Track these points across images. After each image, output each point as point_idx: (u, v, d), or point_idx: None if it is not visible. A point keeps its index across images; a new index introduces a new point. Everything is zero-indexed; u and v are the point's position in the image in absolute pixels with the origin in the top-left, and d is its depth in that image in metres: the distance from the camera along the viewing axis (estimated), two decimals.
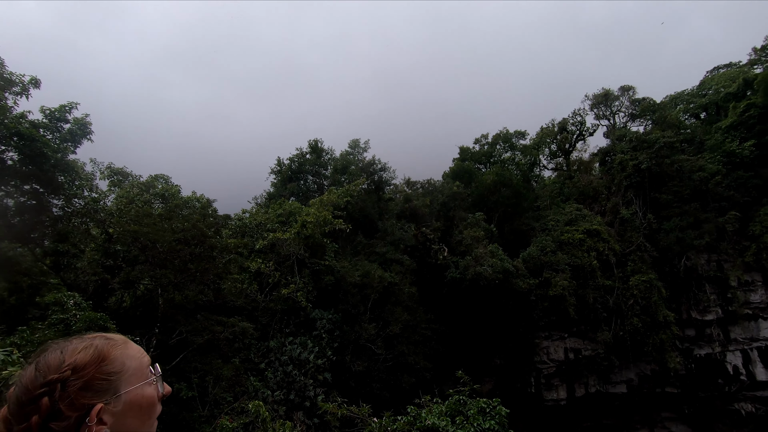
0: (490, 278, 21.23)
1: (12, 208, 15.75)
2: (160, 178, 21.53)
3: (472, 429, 4.62)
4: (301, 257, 18.98)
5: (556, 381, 23.83)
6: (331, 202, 21.01)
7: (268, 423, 8.00)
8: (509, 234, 26.77)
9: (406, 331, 19.49)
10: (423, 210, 25.20)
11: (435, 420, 4.84)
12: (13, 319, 13.86)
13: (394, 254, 22.45)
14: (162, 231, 14.54)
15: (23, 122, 14.61)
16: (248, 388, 15.76)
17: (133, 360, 0.95)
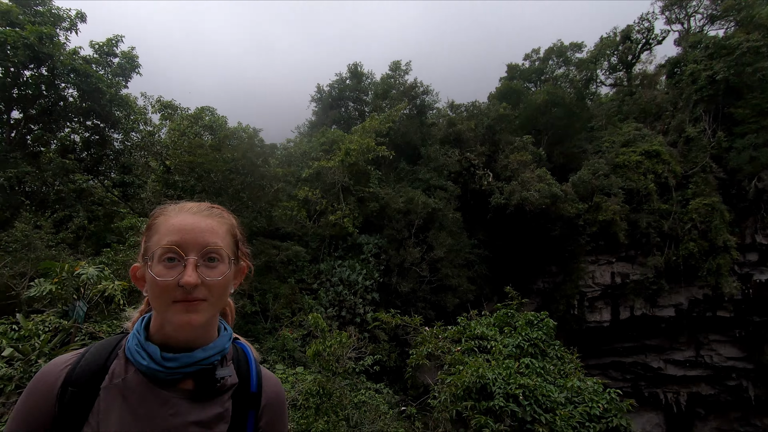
0: (537, 203, 20.77)
1: (79, 143, 16.92)
2: (206, 110, 21.92)
3: (520, 338, 4.88)
4: (345, 185, 19.34)
5: (600, 304, 23.97)
6: (373, 128, 20.76)
7: (326, 332, 8.81)
8: (559, 157, 25.59)
9: (449, 255, 19.95)
10: (467, 134, 24.36)
11: (484, 330, 5.14)
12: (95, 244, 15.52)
13: (437, 180, 22.32)
14: (214, 161, 15.20)
15: (76, 58, 15.10)
16: (303, 306, 17.18)
17: (160, 232, 1.00)
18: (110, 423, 0.89)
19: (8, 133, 14.58)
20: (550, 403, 4.05)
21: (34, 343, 6.73)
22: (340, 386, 9.18)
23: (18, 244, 11.48)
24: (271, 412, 1.10)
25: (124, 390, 0.93)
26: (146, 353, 0.95)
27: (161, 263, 0.94)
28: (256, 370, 1.11)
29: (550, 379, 4.46)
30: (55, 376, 0.94)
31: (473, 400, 4.07)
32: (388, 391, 12.54)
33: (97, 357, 0.98)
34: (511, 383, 4.07)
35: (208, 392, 0.99)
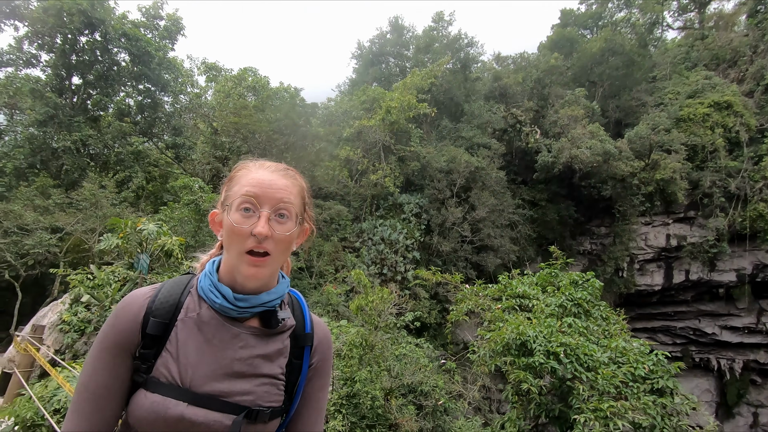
0: (587, 161, 19.68)
1: (133, 107, 17.75)
2: (249, 70, 22.13)
3: (563, 298, 4.81)
4: (386, 144, 19.17)
5: (651, 267, 22.95)
6: (414, 85, 20.17)
7: (368, 288, 9.09)
8: (614, 111, 23.84)
9: (492, 215, 19.60)
10: (514, 89, 23.11)
11: (525, 289, 5.10)
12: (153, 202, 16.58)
13: (481, 138, 21.59)
14: (258, 122, 15.50)
15: (126, 22, 15.56)
16: (346, 263, 17.73)
17: (239, 183, 1.09)
18: (188, 350, 1.02)
19: (71, 98, 15.51)
20: (592, 362, 4.02)
21: (107, 291, 7.45)
22: (381, 339, 9.57)
23: (87, 203, 12.51)
24: (322, 350, 1.23)
25: (199, 323, 1.05)
26: (219, 293, 1.06)
27: (238, 212, 1.03)
28: (309, 315, 1.24)
29: (593, 339, 4.40)
30: (138, 306, 1.06)
31: (513, 356, 4.12)
32: (428, 346, 12.92)
33: (173, 292, 1.10)
34: (552, 341, 4.06)
35: (270, 330, 1.12)
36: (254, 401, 1.04)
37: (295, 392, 1.15)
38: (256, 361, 1.07)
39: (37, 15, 14.00)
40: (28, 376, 6.38)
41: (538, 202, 23.10)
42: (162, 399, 0.97)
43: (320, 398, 1.23)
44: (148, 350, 1.02)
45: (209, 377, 1.01)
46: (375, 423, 8.30)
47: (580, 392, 3.79)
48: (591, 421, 3.52)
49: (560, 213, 22.94)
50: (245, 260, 1.02)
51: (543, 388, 4.24)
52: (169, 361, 1.01)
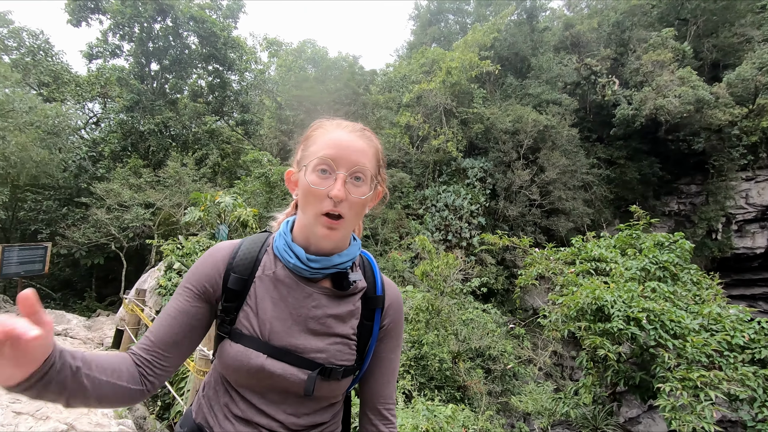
0: (675, 112, 17.58)
1: (205, 88, 18.79)
2: (308, 42, 22.34)
3: (646, 260, 4.41)
4: (448, 107, 18.55)
5: (753, 227, 20.43)
6: (475, 41, 19.07)
7: (433, 254, 9.10)
8: (710, 52, 20.84)
9: (563, 176, 18.41)
10: (588, 36, 20.98)
11: (602, 252, 4.75)
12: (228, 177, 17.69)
13: (550, 94, 20.06)
14: (319, 93, 15.72)
15: (192, 6, 16.27)
16: (410, 230, 17.83)
17: (317, 143, 1.08)
18: (266, 306, 1.08)
19: (151, 84, 16.76)
20: (679, 330, 3.70)
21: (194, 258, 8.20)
22: (448, 304, 9.63)
23: (172, 180, 13.70)
24: (393, 312, 1.23)
25: (275, 281, 1.10)
26: (293, 253, 1.09)
27: (315, 173, 1.03)
28: (380, 277, 1.24)
29: (682, 304, 4.03)
30: (221, 258, 1.13)
31: (588, 321, 3.91)
32: (496, 311, 12.79)
33: (251, 249, 1.15)
34: (633, 306, 3.78)
35: (342, 292, 1.14)
36: (327, 359, 1.08)
37: (366, 352, 1.18)
38: (328, 320, 1.10)
39: (117, 7, 15.11)
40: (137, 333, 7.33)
41: (616, 161, 21.25)
42: (244, 349, 1.04)
43: (392, 359, 1.25)
44: (230, 303, 1.08)
45: (286, 333, 1.06)
46: (443, 384, 8.51)
47: (665, 360, 3.53)
48: (678, 391, 3.28)
49: (642, 171, 20.95)
50: (321, 221, 1.03)
51: (622, 355, 4.01)
52: (249, 315, 1.07)
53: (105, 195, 13.24)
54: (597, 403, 4.65)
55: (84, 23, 16.01)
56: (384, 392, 1.23)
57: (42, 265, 12.57)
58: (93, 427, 4.25)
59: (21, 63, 16.01)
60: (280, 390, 1.06)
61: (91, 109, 18.98)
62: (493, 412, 7.64)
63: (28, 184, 14.17)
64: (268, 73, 20.14)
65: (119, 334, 8.17)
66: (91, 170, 15.33)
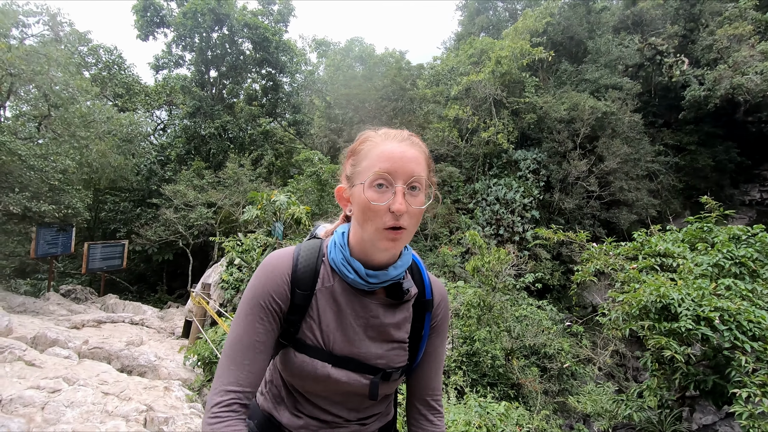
0: (757, 90, 15.88)
1: (259, 91, 19.63)
2: (355, 41, 22.61)
3: (720, 255, 4.04)
4: (498, 98, 18.01)
5: None
6: (526, 28, 18.35)
7: (484, 249, 8.95)
8: None
9: (624, 166, 17.29)
10: (652, 13, 19.45)
11: (668, 246, 4.41)
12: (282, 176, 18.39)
13: (609, 78, 18.86)
14: (367, 90, 15.90)
15: (246, 13, 17.03)
16: (460, 224, 17.58)
17: (369, 158, 1.07)
18: (327, 318, 1.14)
19: (210, 90, 17.80)
20: (759, 331, 3.38)
21: (252, 254, 8.66)
22: (500, 300, 9.43)
23: (231, 180, 14.51)
24: (441, 311, 1.29)
25: (334, 294, 1.15)
26: (352, 268, 1.13)
27: (372, 188, 1.03)
28: (428, 280, 1.29)
29: (762, 304, 3.67)
30: (285, 273, 1.15)
31: (652, 320, 3.68)
32: (551, 308, 12.34)
33: (310, 262, 1.18)
34: (704, 305, 3.50)
35: (396, 301, 1.20)
36: (387, 364, 1.16)
37: (418, 351, 1.25)
38: (386, 328, 1.17)
39: (179, 20, 16.17)
40: (203, 324, 7.89)
41: (686, 147, 19.60)
42: (310, 360, 1.11)
43: (439, 353, 1.31)
44: (294, 316, 1.13)
45: (347, 342, 1.14)
46: (496, 381, 8.36)
47: (742, 364, 3.25)
48: (757, 398, 3.01)
49: (716, 157, 19.17)
50: (384, 236, 1.03)
51: (692, 357, 3.74)
52: (313, 326, 1.13)
53: (172, 196, 14.30)
54: (664, 407, 4.37)
55: (151, 37, 17.32)
56: (432, 384, 1.29)
57: (121, 261, 13.84)
58: (168, 408, 4.66)
59: (99, 77, 17.64)
60: (345, 393, 1.15)
61: (158, 117, 20.55)
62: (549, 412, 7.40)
63: (107, 187, 15.63)
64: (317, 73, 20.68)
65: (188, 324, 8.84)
66: (159, 173, 16.61)
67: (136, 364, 6.60)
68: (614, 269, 4.66)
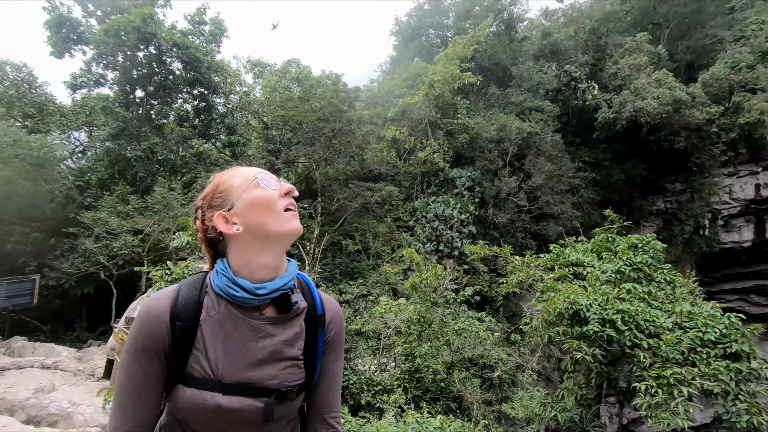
0: (654, 113, 17.99)
1: (191, 111, 18.92)
2: (292, 62, 22.64)
3: (621, 263, 4.52)
4: (432, 119, 18.82)
5: (739, 222, 20.78)
6: (456, 54, 19.48)
7: (422, 265, 9.17)
8: (684, 53, 21.44)
9: (549, 181, 18.66)
10: (566, 44, 21.52)
11: (579, 256, 4.86)
12: None
13: (532, 101, 20.46)
14: (304, 112, 15.87)
15: (175, 33, 16.48)
16: (402, 242, 17.90)
17: (239, 177, 1.21)
18: (215, 346, 1.13)
19: (136, 110, 16.87)
20: (654, 329, 3.79)
21: None
22: (440, 315, 9.66)
23: (160, 205, 13.71)
24: (334, 326, 1.33)
25: (220, 320, 1.16)
26: (238, 287, 1.15)
27: (258, 188, 1.18)
28: (318, 295, 1.34)
29: (656, 304, 4.13)
30: (163, 310, 1.15)
31: (565, 326, 3.99)
32: (490, 319, 12.81)
33: (191, 294, 1.19)
34: (608, 309, 3.87)
35: (286, 316, 1.22)
36: (281, 383, 1.16)
37: (314, 368, 1.27)
38: (277, 347, 1.17)
39: (99, 37, 15.28)
40: None
41: (601, 163, 21.59)
42: (198, 392, 1.09)
43: (335, 370, 1.34)
44: (179, 350, 1.12)
45: (237, 368, 1.12)
46: (439, 396, 8.49)
47: (641, 360, 3.61)
48: (653, 389, 3.35)
49: (627, 172, 21.29)
50: (288, 217, 1.18)
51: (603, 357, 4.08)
52: (199, 358, 1.12)
53: (93, 224, 13.21)
54: (583, 405, 4.70)
55: (67, 54, 16.16)
56: (329, 401, 1.32)
57: (30, 298, 12.45)
58: None
59: (5, 96, 16.07)
60: (241, 422, 1.12)
61: (77, 139, 19.02)
62: (489, 422, 7.63)
63: (14, 217, 14.09)
64: (253, 94, 20.36)
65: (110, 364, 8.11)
66: (78, 199, 15.30)
67: (45, 413, 5.93)
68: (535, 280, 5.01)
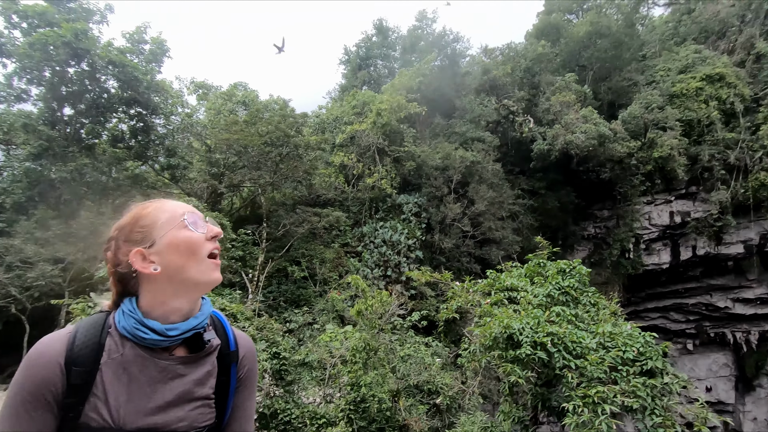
0: (583, 146, 19.61)
1: (126, 132, 17.90)
2: (239, 85, 22.31)
3: (551, 287, 4.80)
4: (380, 146, 19.22)
5: (658, 245, 22.78)
6: (402, 85, 20.24)
7: (367, 292, 9.12)
8: (606, 94, 23.72)
9: (491, 208, 19.55)
10: (504, 80, 23.07)
11: (514, 281, 5.10)
12: None
13: (474, 132, 21.56)
14: (250, 136, 15.60)
15: (112, 50, 15.72)
16: (350, 268, 17.77)
17: (165, 213, 1.13)
18: (117, 391, 1.03)
19: (64, 129, 15.70)
20: (581, 349, 4.02)
21: None
22: (385, 342, 9.59)
23: (86, 231, 12.66)
24: (247, 362, 1.28)
25: (124, 363, 1.06)
26: (148, 328, 1.07)
27: (184, 228, 1.10)
28: (232, 332, 1.29)
29: (583, 326, 4.40)
30: (56, 354, 1.03)
31: (501, 350, 4.13)
32: (437, 343, 12.88)
33: (90, 336, 1.08)
34: (539, 332, 4.06)
35: (198, 355, 1.15)
36: (190, 425, 1.09)
37: (226, 407, 1.22)
38: (187, 387, 1.11)
39: (23, 50, 14.19)
40: None
41: (538, 191, 23.02)
42: None
43: (248, 406, 1.29)
44: (74, 399, 1.01)
45: (141, 413, 1.03)
46: (384, 426, 8.32)
47: (569, 380, 3.79)
48: (580, 408, 3.52)
49: (561, 200, 22.83)
50: (210, 265, 1.11)
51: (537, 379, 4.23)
52: (98, 405, 1.01)
53: (4, 252, 11.89)
54: (522, 427, 4.81)
55: None
56: None
57: None
58: None
59: None
60: None
61: None
62: None
63: None
64: (196, 116, 19.73)
65: None
66: None
67: None
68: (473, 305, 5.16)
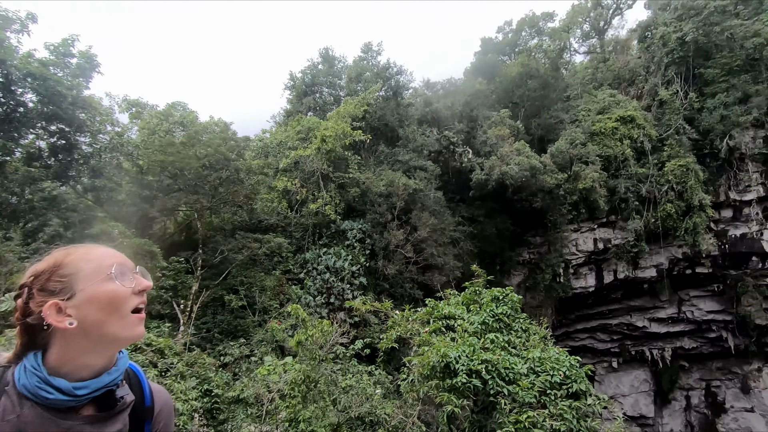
0: (517, 177, 20.93)
1: (45, 150, 16.40)
2: (177, 105, 21.43)
3: (485, 314, 4.99)
4: (324, 172, 19.20)
5: (584, 270, 24.51)
6: (348, 113, 20.55)
7: (307, 322, 8.88)
8: (537, 129, 25.69)
9: (433, 235, 20.07)
10: (444, 112, 24.26)
11: (451, 309, 5.24)
12: None
13: (417, 161, 22.27)
14: (187, 158, 14.93)
15: (32, 62, 14.54)
16: (291, 296, 17.23)
17: (91, 263, 1.05)
18: None
19: None
20: (513, 375, 4.18)
21: None
22: (326, 373, 9.31)
23: None
24: (163, 418, 1.21)
25: (20, 425, 0.95)
26: (52, 387, 0.97)
27: (109, 281, 1.02)
28: (148, 386, 1.21)
29: (515, 351, 4.59)
30: None
31: (438, 379, 4.18)
32: (380, 372, 12.71)
33: None
34: (474, 359, 4.17)
35: (108, 414, 1.05)
36: None
37: None
38: None
39: None
40: None
41: (477, 218, 24.05)
42: None
43: None
44: None
45: None
46: None
47: (502, 406, 3.91)
48: None
49: (498, 227, 23.99)
50: (134, 321, 1.04)
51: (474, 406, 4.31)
52: None
53: None
54: None
55: None
56: None
57: None
58: None
59: None
60: None
61: None
62: None
63: None
64: (128, 135, 18.58)
65: None
66: None
67: None
68: (412, 334, 5.21)
